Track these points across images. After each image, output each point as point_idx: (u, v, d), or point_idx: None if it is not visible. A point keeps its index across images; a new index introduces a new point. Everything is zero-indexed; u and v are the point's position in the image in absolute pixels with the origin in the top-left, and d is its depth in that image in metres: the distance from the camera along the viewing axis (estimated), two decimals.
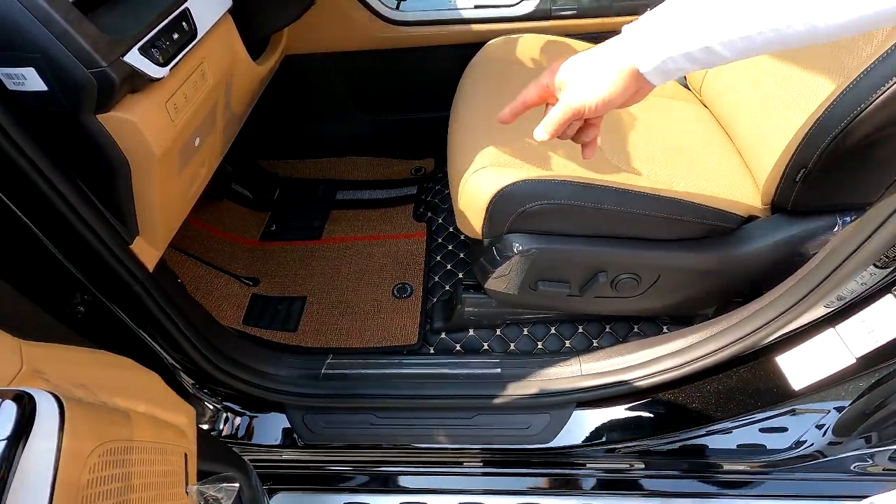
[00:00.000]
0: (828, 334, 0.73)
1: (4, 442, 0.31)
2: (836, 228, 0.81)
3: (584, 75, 0.54)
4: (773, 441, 0.95)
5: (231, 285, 1.24)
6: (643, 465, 1.03)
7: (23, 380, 0.39)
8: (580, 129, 0.61)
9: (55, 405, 0.36)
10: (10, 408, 0.34)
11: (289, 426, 1.04)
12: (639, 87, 0.52)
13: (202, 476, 0.62)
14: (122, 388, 0.50)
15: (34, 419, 0.34)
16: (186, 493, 0.52)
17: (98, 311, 0.77)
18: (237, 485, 0.58)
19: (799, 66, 0.85)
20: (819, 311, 0.73)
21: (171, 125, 0.68)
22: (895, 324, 0.65)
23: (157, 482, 0.46)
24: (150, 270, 0.77)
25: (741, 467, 1.00)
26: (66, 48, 0.52)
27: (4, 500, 0.29)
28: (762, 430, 0.95)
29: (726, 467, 1.01)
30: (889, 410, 0.72)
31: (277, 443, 1.05)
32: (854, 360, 0.70)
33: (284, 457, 1.07)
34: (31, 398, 0.35)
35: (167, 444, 0.50)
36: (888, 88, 0.65)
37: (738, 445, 0.98)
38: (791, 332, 0.77)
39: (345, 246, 1.35)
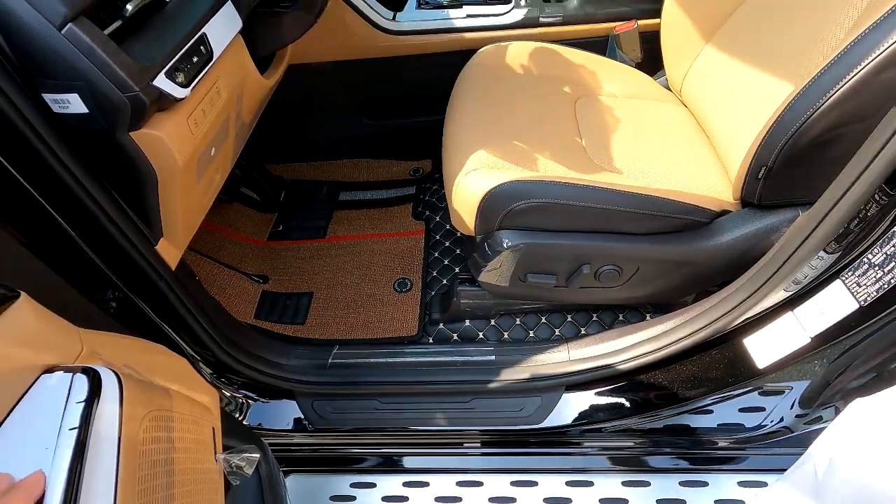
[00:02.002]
0: (787, 317, 0.81)
1: (83, 403, 0.39)
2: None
3: None
4: (749, 419, 1.03)
5: (242, 283, 1.32)
6: (630, 444, 1.11)
7: (84, 359, 0.47)
8: None
9: (115, 378, 0.44)
10: (82, 379, 0.42)
11: (299, 412, 1.12)
12: None
13: (225, 450, 0.70)
14: (158, 370, 0.58)
15: (100, 388, 0.42)
16: (216, 460, 0.61)
17: (127, 307, 0.86)
18: (257, 455, 0.66)
19: (762, 70, 0.92)
20: (779, 296, 0.81)
21: (191, 138, 0.76)
22: (842, 306, 0.73)
23: (192, 447, 0.55)
24: (173, 269, 0.86)
25: (721, 444, 1.08)
26: (104, 76, 0.60)
27: (88, 446, 0.37)
28: (741, 410, 1.03)
29: (707, 444, 1.08)
30: (841, 384, 0.80)
31: (289, 428, 1.13)
32: (809, 340, 0.77)
33: (295, 441, 1.15)
34: (96, 372, 0.43)
35: (199, 418, 0.59)
36: (834, 94, 0.73)
37: (718, 424, 1.06)
38: (755, 315, 0.85)
39: (348, 244, 1.43)
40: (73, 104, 0.62)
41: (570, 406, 1.07)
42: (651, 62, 1.34)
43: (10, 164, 0.61)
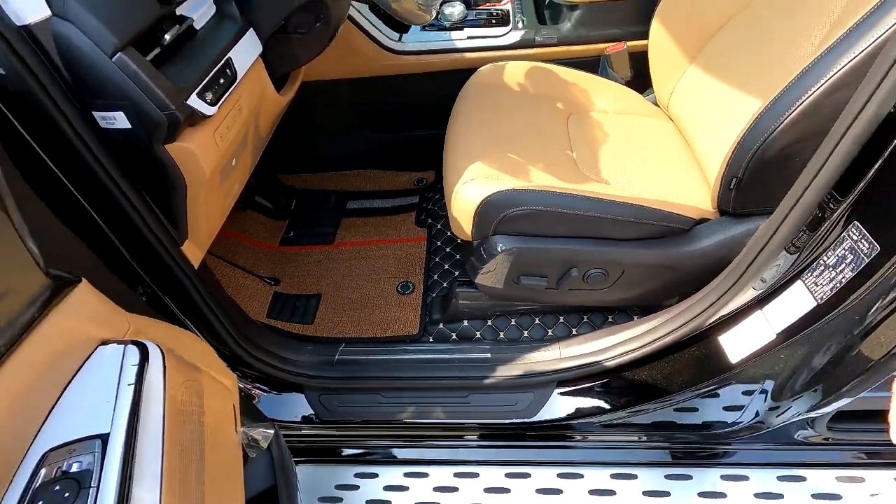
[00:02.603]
0: (756, 315, 0.88)
1: (136, 366, 0.47)
2: None
3: None
4: (729, 416, 1.09)
5: (255, 284, 1.41)
6: (618, 438, 1.18)
7: (132, 335, 0.55)
8: None
9: (158, 351, 0.53)
10: (133, 349, 0.50)
11: (307, 404, 1.20)
12: None
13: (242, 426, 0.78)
14: (188, 351, 0.66)
15: (148, 357, 0.50)
16: (236, 432, 0.69)
17: (154, 302, 0.94)
18: (272, 431, 0.74)
19: (737, 88, 1.01)
20: (749, 295, 0.88)
21: (217, 150, 0.85)
22: (803, 304, 0.80)
23: (218, 417, 0.63)
24: (196, 267, 0.94)
25: (704, 440, 1.14)
26: (146, 97, 0.69)
27: (142, 399, 0.45)
28: (725, 409, 1.09)
29: (691, 440, 1.15)
30: (807, 377, 0.86)
31: (298, 420, 1.21)
32: (775, 335, 0.84)
33: (303, 432, 1.22)
34: (144, 345, 0.51)
35: (222, 394, 0.67)
36: (793, 112, 0.81)
37: (703, 422, 1.12)
38: (728, 314, 0.92)
39: (355, 250, 1.51)
40: (119, 121, 0.71)
41: (561, 401, 1.14)
42: (640, 80, 1.43)
43: (61, 172, 0.70)
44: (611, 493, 1.17)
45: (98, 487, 0.38)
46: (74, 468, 0.39)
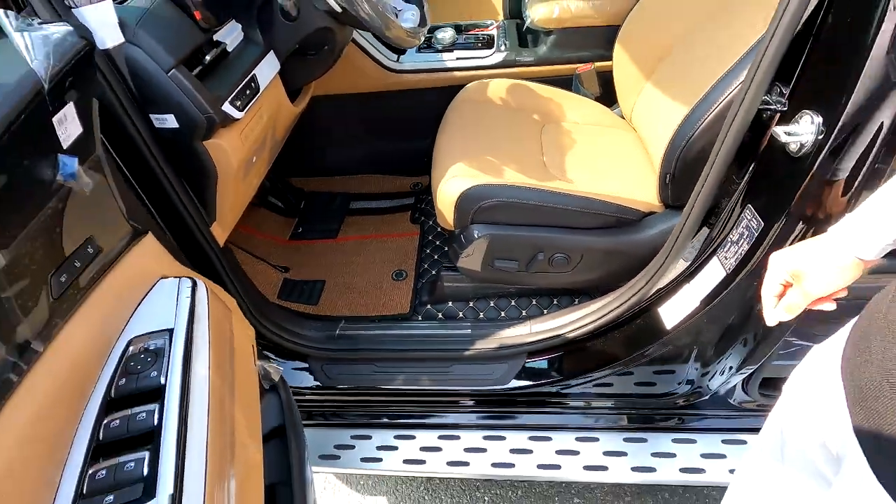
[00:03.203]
0: (685, 287, 1.06)
1: (191, 289, 0.66)
2: None
3: (821, 270, 0.61)
4: (671, 380, 1.25)
5: (268, 271, 1.60)
6: (581, 404, 1.34)
7: (182, 274, 0.74)
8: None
9: (204, 286, 0.72)
10: (187, 280, 0.69)
11: (310, 372, 1.38)
12: (859, 270, 0.61)
13: None
14: (221, 295, 0.85)
15: (197, 286, 0.69)
16: (255, 364, 0.87)
17: None
18: (281, 368, 0.92)
19: (677, 101, 1.19)
20: (678, 270, 1.06)
21: (242, 147, 1.05)
22: (716, 274, 0.97)
23: (243, 349, 0.81)
24: (221, 245, 1.14)
25: (656, 407, 1.30)
26: (192, 103, 0.89)
27: (196, 310, 0.64)
28: (665, 373, 1.24)
29: (646, 405, 1.31)
30: (724, 339, 1.03)
31: (302, 386, 1.38)
32: (698, 303, 1.02)
33: (307, 397, 1.40)
34: (195, 280, 0.70)
35: (246, 331, 0.86)
36: (706, 119, 1.00)
37: (652, 389, 1.28)
38: (663, 288, 1.10)
39: (356, 243, 1.70)
40: (169, 121, 0.91)
41: (530, 370, 1.31)
42: (609, 96, 1.63)
43: (124, 161, 0.90)
44: (575, 452, 1.33)
45: (169, 357, 0.56)
46: (152, 346, 0.57)
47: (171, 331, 0.59)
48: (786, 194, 0.80)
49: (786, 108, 0.77)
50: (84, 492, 0.44)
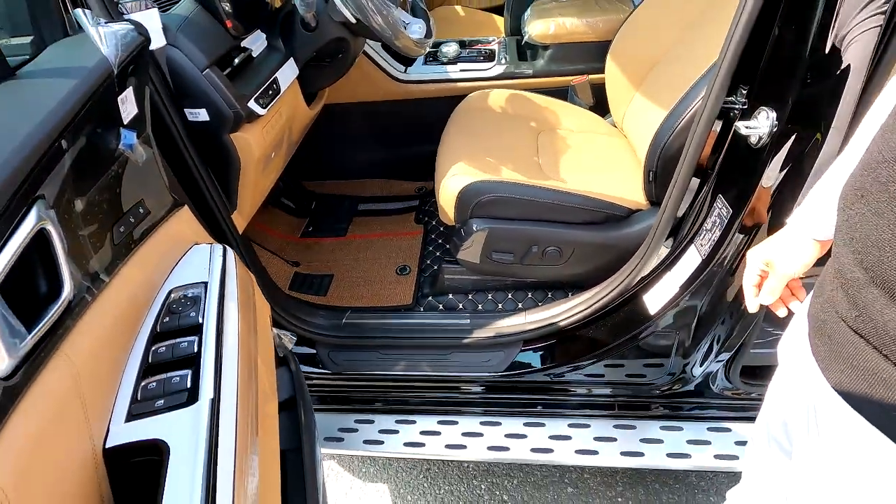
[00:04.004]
0: (667, 275, 1.14)
1: (222, 251, 0.76)
2: None
3: (787, 255, 0.70)
4: (657, 370, 1.32)
5: (280, 265, 1.70)
6: (574, 392, 1.42)
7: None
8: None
9: (233, 253, 0.81)
10: (219, 247, 0.79)
11: (318, 358, 1.46)
12: (819, 251, 0.69)
13: None
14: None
15: (227, 252, 0.79)
16: (271, 329, 0.96)
17: None
18: (295, 337, 1.01)
19: (656, 105, 1.30)
20: (660, 258, 1.15)
21: (263, 142, 1.16)
22: (693, 261, 1.06)
23: (262, 318, 0.91)
24: (241, 232, 1.24)
25: (642, 392, 1.38)
26: (222, 99, 1.01)
27: (227, 269, 0.73)
28: (652, 365, 1.32)
29: (635, 393, 1.38)
30: (701, 324, 1.12)
31: (310, 371, 1.46)
32: (678, 289, 1.11)
33: (314, 381, 1.48)
34: (226, 248, 0.80)
35: (265, 304, 0.95)
36: (681, 121, 1.10)
37: (639, 375, 1.35)
38: (647, 276, 1.18)
39: (363, 241, 1.81)
40: (201, 115, 1.03)
41: (525, 357, 1.39)
42: (602, 106, 1.74)
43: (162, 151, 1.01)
44: (567, 438, 1.40)
45: (206, 303, 0.65)
46: (190, 294, 0.66)
47: (205, 283, 0.69)
48: (750, 182, 0.89)
49: (746, 106, 0.87)
50: (139, 397, 0.53)
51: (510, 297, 1.54)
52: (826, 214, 0.66)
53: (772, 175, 0.84)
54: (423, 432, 1.45)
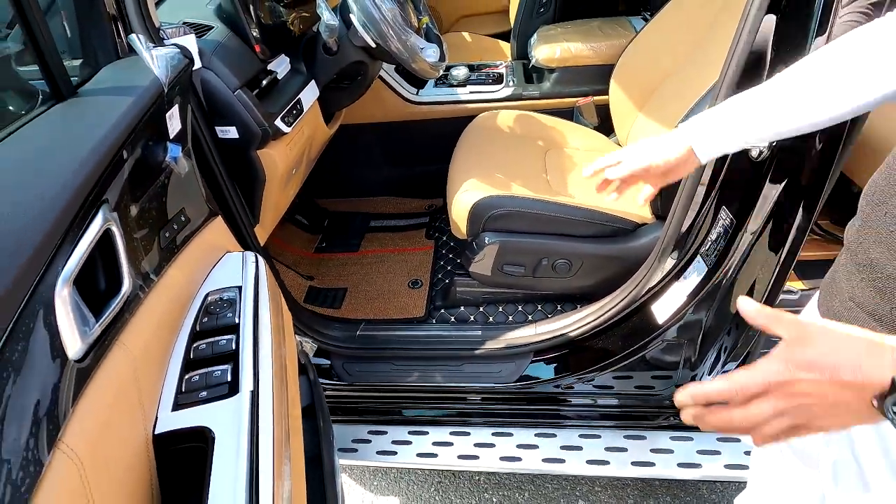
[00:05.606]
0: (674, 285, 1.18)
1: (255, 258, 0.81)
2: None
3: (658, 144, 0.75)
4: (664, 382, 1.35)
5: (295, 278, 1.75)
6: (585, 403, 1.44)
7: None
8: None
9: (263, 260, 0.86)
10: (250, 254, 0.84)
11: (333, 370, 1.49)
12: (687, 158, 0.72)
13: None
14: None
15: (259, 263, 0.84)
16: (295, 338, 1.00)
17: None
18: (316, 345, 1.05)
19: (659, 124, 1.36)
20: (667, 269, 1.19)
21: (287, 158, 1.22)
22: (700, 270, 1.10)
23: (287, 317, 0.95)
24: (262, 244, 1.29)
25: (652, 403, 1.40)
26: (251, 118, 1.07)
27: (260, 275, 0.78)
28: (658, 377, 1.35)
29: (644, 404, 1.40)
30: (707, 334, 1.15)
31: (325, 382, 1.49)
32: (685, 297, 1.14)
33: (328, 392, 1.51)
34: (256, 255, 0.85)
35: (288, 315, 0.99)
36: None
37: (646, 386, 1.38)
38: (655, 285, 1.22)
39: (376, 256, 1.85)
40: (231, 132, 1.09)
41: (535, 368, 1.42)
42: (607, 126, 1.81)
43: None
44: (578, 448, 1.42)
45: (241, 305, 0.69)
46: (226, 297, 0.71)
47: (240, 287, 0.73)
48: (751, 194, 0.94)
49: None
50: (183, 389, 0.57)
51: (520, 308, 1.58)
52: (714, 130, 0.68)
53: (772, 187, 0.89)
54: (435, 443, 1.47)
